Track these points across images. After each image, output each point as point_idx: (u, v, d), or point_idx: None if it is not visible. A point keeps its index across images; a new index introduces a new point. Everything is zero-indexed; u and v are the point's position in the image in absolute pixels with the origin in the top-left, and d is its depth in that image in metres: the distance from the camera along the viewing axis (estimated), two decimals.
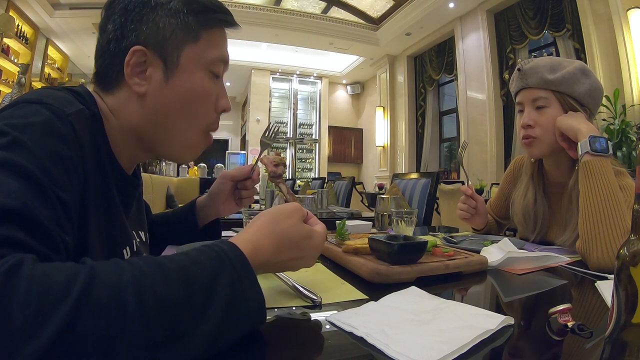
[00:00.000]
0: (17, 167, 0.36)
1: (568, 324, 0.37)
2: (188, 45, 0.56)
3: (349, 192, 2.91)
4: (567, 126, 0.89)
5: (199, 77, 0.57)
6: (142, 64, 0.54)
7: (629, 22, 3.36)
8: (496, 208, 1.23)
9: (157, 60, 0.54)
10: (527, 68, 0.96)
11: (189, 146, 0.60)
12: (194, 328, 0.31)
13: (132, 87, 0.54)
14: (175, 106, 0.56)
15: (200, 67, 0.57)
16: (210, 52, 0.58)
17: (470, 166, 5.25)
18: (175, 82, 0.55)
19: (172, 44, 0.55)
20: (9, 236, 0.31)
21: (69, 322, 0.26)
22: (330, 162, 8.74)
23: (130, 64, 0.53)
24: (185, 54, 0.56)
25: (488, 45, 5.21)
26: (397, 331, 0.39)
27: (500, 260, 0.73)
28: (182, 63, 0.55)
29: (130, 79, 0.54)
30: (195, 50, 0.56)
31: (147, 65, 0.54)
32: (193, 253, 0.36)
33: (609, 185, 0.78)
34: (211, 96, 0.59)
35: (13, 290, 0.26)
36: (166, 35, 0.54)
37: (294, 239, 0.46)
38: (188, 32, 0.56)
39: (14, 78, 5.15)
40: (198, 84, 0.57)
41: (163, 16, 0.54)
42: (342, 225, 0.85)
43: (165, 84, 0.55)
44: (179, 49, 0.55)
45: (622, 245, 0.32)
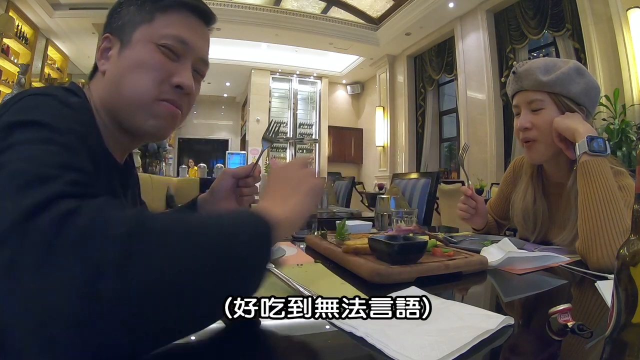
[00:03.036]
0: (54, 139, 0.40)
1: (568, 324, 0.37)
2: (142, 25, 0.61)
3: (349, 192, 2.91)
4: (564, 127, 0.89)
5: (147, 50, 0.61)
6: (108, 49, 0.62)
7: (629, 22, 3.35)
8: (496, 208, 1.23)
9: (117, 42, 0.62)
10: (522, 71, 0.96)
11: (145, 112, 0.62)
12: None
13: (99, 68, 0.63)
14: (124, 74, 0.61)
15: (150, 42, 0.61)
16: (163, 30, 0.62)
17: (470, 166, 5.25)
18: (125, 55, 0.61)
19: (129, 26, 0.61)
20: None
21: None
22: (330, 162, 8.74)
23: (100, 49, 0.63)
24: (138, 32, 0.61)
25: (488, 45, 5.21)
26: (397, 331, 0.39)
27: (500, 260, 0.73)
28: (133, 39, 0.61)
29: (99, 61, 0.63)
30: (147, 29, 0.61)
31: (111, 47, 0.62)
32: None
33: (607, 185, 0.78)
34: (158, 68, 0.61)
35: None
36: (125, 20, 0.62)
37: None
38: (143, 15, 0.61)
39: (14, 78, 5.16)
40: (144, 56, 0.61)
41: (127, 6, 0.63)
42: (342, 225, 0.85)
43: (118, 58, 0.61)
44: (133, 29, 0.61)
45: (622, 245, 0.32)
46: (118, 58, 0.61)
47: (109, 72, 0.62)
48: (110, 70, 0.62)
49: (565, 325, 0.37)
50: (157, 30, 0.61)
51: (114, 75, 0.62)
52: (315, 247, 0.89)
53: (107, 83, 0.62)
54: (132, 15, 0.62)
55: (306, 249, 0.92)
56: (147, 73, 0.61)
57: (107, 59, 0.63)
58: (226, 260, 0.35)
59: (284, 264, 0.71)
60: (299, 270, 0.69)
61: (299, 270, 0.68)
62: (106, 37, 0.63)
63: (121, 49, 0.61)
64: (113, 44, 0.62)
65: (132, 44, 0.61)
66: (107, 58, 0.63)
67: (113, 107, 0.63)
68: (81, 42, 6.66)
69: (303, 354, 0.41)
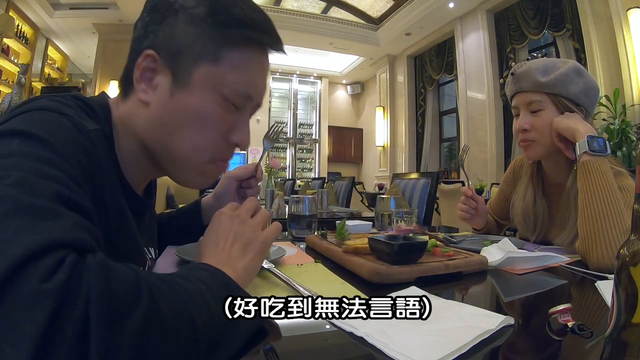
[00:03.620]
0: (54, 162, 0.35)
1: (568, 324, 0.37)
2: (205, 64, 0.49)
3: (349, 192, 2.91)
4: (564, 127, 0.88)
5: (209, 102, 0.50)
6: (153, 70, 0.50)
7: (629, 22, 3.35)
8: (496, 208, 1.23)
9: (166, 70, 0.50)
10: (520, 72, 0.95)
11: (195, 171, 0.55)
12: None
13: (137, 94, 0.51)
14: (177, 125, 0.51)
15: (214, 92, 0.50)
16: (230, 77, 0.50)
17: (470, 166, 5.25)
18: (180, 99, 0.49)
19: (187, 56, 0.49)
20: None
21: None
22: (330, 162, 8.74)
23: (140, 66, 0.50)
24: (199, 72, 0.49)
25: (488, 45, 5.21)
26: (397, 331, 0.39)
27: (500, 260, 0.73)
28: (192, 81, 0.49)
29: (138, 83, 0.50)
30: (211, 71, 0.49)
31: (157, 73, 0.50)
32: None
33: (607, 184, 0.78)
34: (220, 125, 0.52)
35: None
36: (181, 46, 0.49)
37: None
38: (207, 46, 0.49)
39: (14, 78, 5.16)
40: (205, 109, 0.50)
41: (182, 22, 0.48)
42: (342, 225, 0.85)
43: (170, 98, 0.50)
44: (193, 65, 0.49)
45: (622, 245, 0.32)
46: (171, 98, 0.50)
47: (155, 109, 0.51)
48: (157, 106, 0.51)
49: (565, 325, 0.37)
50: (223, 77, 0.50)
51: (162, 117, 0.51)
52: (315, 247, 0.89)
53: (151, 121, 0.51)
54: (191, 40, 0.49)
55: (306, 249, 0.92)
56: (207, 132, 0.51)
57: (152, 87, 0.50)
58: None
59: (284, 264, 0.71)
60: (299, 270, 0.69)
61: (299, 270, 0.68)
62: (149, 56, 0.49)
63: (175, 87, 0.49)
64: (160, 70, 0.50)
65: (191, 87, 0.49)
66: (151, 85, 0.50)
67: (154, 151, 0.54)
68: (81, 42, 6.67)
69: (303, 354, 0.41)
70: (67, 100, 0.47)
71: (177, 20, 0.49)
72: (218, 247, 0.46)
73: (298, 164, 8.84)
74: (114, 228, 0.48)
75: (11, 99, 4.72)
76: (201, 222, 0.87)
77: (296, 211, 1.04)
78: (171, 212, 0.92)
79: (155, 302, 0.29)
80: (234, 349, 0.36)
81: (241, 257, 0.46)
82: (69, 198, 0.32)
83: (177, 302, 0.31)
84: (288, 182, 4.40)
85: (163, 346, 0.28)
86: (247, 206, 0.53)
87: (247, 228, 0.49)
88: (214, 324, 0.33)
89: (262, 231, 0.51)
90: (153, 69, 0.50)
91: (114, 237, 0.47)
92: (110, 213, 0.47)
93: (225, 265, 0.42)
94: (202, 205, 0.88)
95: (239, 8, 0.50)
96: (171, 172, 0.56)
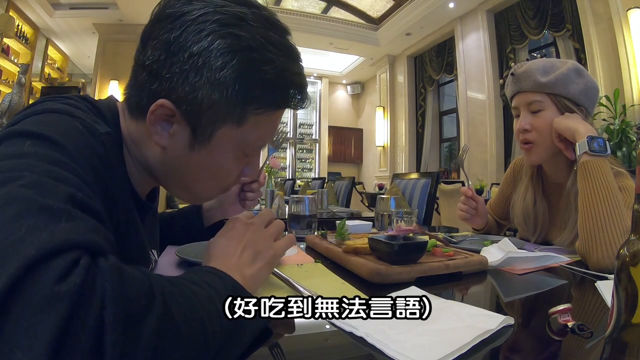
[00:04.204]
0: (67, 165, 0.34)
1: (568, 324, 0.37)
2: (228, 125, 0.46)
3: (349, 192, 2.91)
4: (564, 127, 0.88)
5: (229, 158, 0.50)
6: (169, 118, 0.46)
7: (629, 22, 3.35)
8: (496, 209, 1.23)
9: (184, 124, 0.46)
10: (520, 72, 0.96)
11: (198, 200, 0.60)
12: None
13: (151, 135, 0.47)
14: (194, 174, 0.51)
15: (234, 149, 0.49)
16: (252, 135, 0.48)
17: (470, 166, 5.25)
18: (200, 155, 0.48)
19: (209, 115, 0.45)
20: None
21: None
22: (330, 162, 8.74)
23: (155, 113, 0.46)
24: (222, 132, 0.47)
25: (488, 45, 5.21)
26: (397, 331, 0.39)
27: (500, 260, 0.73)
28: (214, 140, 0.47)
29: (152, 126, 0.47)
30: (234, 133, 0.47)
31: (174, 122, 0.46)
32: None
33: (607, 185, 0.78)
34: (235, 173, 0.53)
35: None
36: (202, 106, 0.44)
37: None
38: (232, 111, 0.45)
39: (14, 78, 5.15)
40: (225, 164, 0.50)
41: (205, 84, 0.43)
42: (342, 225, 0.85)
43: (189, 153, 0.48)
44: (215, 124, 0.46)
45: (622, 245, 0.32)
46: (189, 151, 0.47)
47: (172, 155, 0.49)
48: (174, 154, 0.49)
49: (565, 325, 0.37)
50: (246, 138, 0.48)
51: (180, 165, 0.50)
52: (315, 247, 0.89)
53: (168, 164, 0.50)
54: (208, 99, 0.44)
55: (306, 249, 0.92)
56: (223, 180, 0.53)
57: (170, 135, 0.47)
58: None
59: (284, 264, 0.71)
60: (299, 270, 0.69)
61: (299, 270, 0.68)
62: (165, 106, 0.45)
63: (195, 143, 0.47)
64: (178, 121, 0.46)
65: (212, 145, 0.47)
66: (167, 133, 0.47)
67: (161, 180, 0.54)
68: (81, 42, 6.67)
69: (303, 354, 0.41)
70: (77, 102, 0.46)
71: (199, 81, 0.43)
72: (228, 252, 0.46)
73: (298, 164, 8.83)
74: (123, 230, 0.48)
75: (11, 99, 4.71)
76: (202, 223, 0.87)
77: (296, 211, 1.04)
78: (172, 212, 0.93)
79: (169, 307, 0.29)
80: (238, 352, 0.36)
81: (251, 264, 0.45)
82: (82, 201, 0.32)
83: (189, 307, 0.31)
84: (288, 182, 4.40)
85: (176, 351, 0.28)
86: (263, 216, 0.53)
87: (260, 237, 0.49)
88: (222, 330, 0.34)
89: (275, 242, 0.51)
90: (170, 117, 0.46)
91: (123, 239, 0.47)
92: (120, 216, 0.47)
93: (234, 270, 0.41)
94: (203, 207, 0.88)
95: (272, 66, 0.45)
96: (175, 193, 0.58)
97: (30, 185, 0.29)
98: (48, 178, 0.31)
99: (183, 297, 0.31)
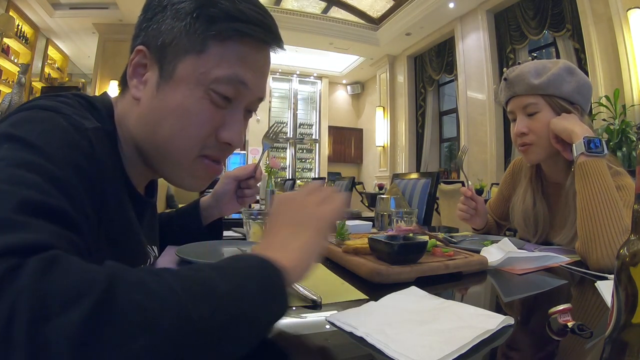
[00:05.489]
0: (38, 166, 0.34)
1: (568, 324, 0.37)
2: (189, 55, 0.48)
3: (349, 192, 2.90)
4: (561, 128, 0.89)
5: (193, 97, 0.49)
6: (144, 66, 0.51)
7: (629, 22, 3.35)
8: (496, 209, 1.24)
9: (154, 65, 0.50)
10: (513, 76, 0.96)
11: (185, 171, 0.54)
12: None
13: (130, 90, 0.52)
14: (161, 120, 0.50)
15: (199, 84, 0.49)
16: (218, 70, 0.48)
17: (470, 166, 5.25)
18: (165, 94, 0.49)
19: (172, 50, 0.49)
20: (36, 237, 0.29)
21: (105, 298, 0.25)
22: (330, 162, 8.74)
23: (132, 63, 0.51)
24: (184, 65, 0.48)
25: (488, 45, 5.21)
26: (397, 331, 0.39)
27: (500, 260, 0.73)
28: (177, 74, 0.49)
29: (130, 79, 0.52)
30: (197, 64, 0.48)
31: (147, 69, 0.51)
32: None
33: (605, 185, 0.78)
34: (206, 121, 0.50)
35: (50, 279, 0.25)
36: (166, 40, 0.49)
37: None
38: (192, 40, 0.48)
39: (14, 78, 5.15)
40: (189, 104, 0.49)
41: (169, 17, 0.49)
42: (342, 225, 0.85)
43: (156, 93, 0.49)
44: (178, 58, 0.48)
45: (622, 245, 0.32)
46: (156, 92, 0.49)
47: (144, 106, 0.51)
48: (145, 103, 0.50)
49: (565, 325, 0.37)
50: (209, 69, 0.48)
51: (149, 113, 0.50)
52: None
53: (141, 119, 0.51)
54: (176, 34, 0.48)
55: None
56: (192, 127, 0.50)
57: (143, 83, 0.51)
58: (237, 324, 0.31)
59: None
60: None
61: None
62: (140, 51, 0.50)
63: (160, 80, 0.49)
64: (150, 65, 0.50)
65: (175, 81, 0.49)
66: (142, 81, 0.51)
67: (145, 150, 0.53)
68: (81, 42, 6.67)
69: (303, 354, 0.41)
70: (69, 99, 0.46)
71: (164, 16, 0.49)
72: (270, 233, 0.44)
73: (298, 164, 8.83)
74: (116, 226, 0.48)
75: (11, 98, 4.72)
76: (200, 222, 0.87)
77: None
78: (170, 212, 0.93)
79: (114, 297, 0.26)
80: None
81: (294, 237, 0.42)
82: (37, 203, 0.31)
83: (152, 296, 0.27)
84: (288, 182, 4.40)
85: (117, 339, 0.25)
86: (306, 187, 0.50)
87: (300, 206, 0.46)
88: (216, 321, 0.29)
89: (319, 206, 0.46)
90: (144, 65, 0.51)
91: (116, 235, 0.47)
92: (112, 211, 0.46)
93: (277, 249, 0.39)
94: (200, 206, 0.88)
95: (229, 2, 0.49)
96: (163, 172, 0.56)
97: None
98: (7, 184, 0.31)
99: (152, 286, 0.28)
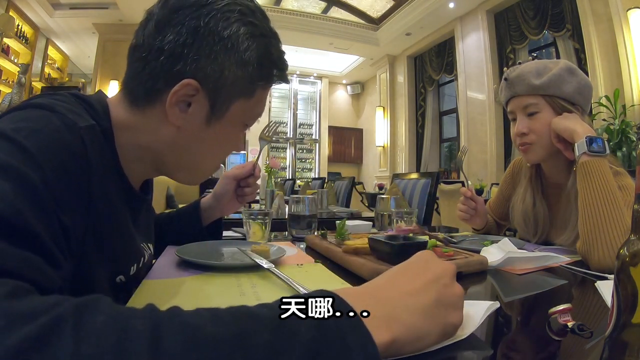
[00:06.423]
0: (15, 172, 0.33)
1: (568, 324, 0.37)
2: (242, 99, 0.54)
3: (349, 192, 2.91)
4: (562, 128, 0.89)
5: (237, 130, 0.58)
6: (190, 97, 0.51)
7: (629, 22, 3.35)
8: (496, 209, 1.24)
9: (204, 102, 0.52)
10: (514, 76, 0.96)
11: (201, 177, 0.63)
12: None
13: (168, 116, 0.51)
14: (206, 149, 0.57)
15: (242, 121, 0.57)
16: (256, 109, 0.57)
17: (470, 166, 5.25)
18: (215, 129, 0.54)
19: (227, 91, 0.52)
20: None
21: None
22: (330, 162, 8.74)
23: (178, 94, 0.50)
24: (236, 107, 0.54)
25: (488, 45, 5.21)
26: None
27: (500, 260, 0.73)
28: (229, 114, 0.54)
29: (170, 107, 0.50)
30: (245, 106, 0.55)
31: (193, 101, 0.51)
32: None
33: (607, 185, 0.78)
34: (238, 145, 0.61)
35: None
36: (226, 83, 0.51)
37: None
38: (247, 87, 0.54)
39: (14, 78, 5.16)
40: (234, 136, 0.58)
41: (233, 64, 0.51)
42: (342, 225, 0.85)
43: (205, 128, 0.53)
44: (232, 100, 0.53)
45: (622, 245, 0.32)
46: (206, 126, 0.53)
47: (186, 135, 0.53)
48: (189, 131, 0.53)
49: (565, 325, 0.37)
50: (251, 109, 0.56)
51: (193, 141, 0.54)
52: (315, 247, 0.89)
53: (178, 144, 0.54)
54: (236, 80, 0.52)
55: (306, 249, 0.92)
56: (226, 153, 0.60)
57: (187, 115, 0.51)
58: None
59: (284, 264, 0.71)
60: (299, 270, 0.69)
61: (299, 270, 0.68)
62: (191, 86, 0.49)
63: (212, 117, 0.53)
64: (198, 100, 0.51)
65: (227, 119, 0.54)
66: (185, 112, 0.51)
67: (166, 161, 0.57)
68: (81, 42, 6.67)
69: None
70: (64, 97, 0.47)
71: (228, 61, 0.51)
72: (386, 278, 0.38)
73: (298, 164, 8.83)
74: (106, 222, 0.47)
75: (11, 98, 4.72)
76: (200, 222, 0.87)
77: (296, 211, 1.04)
78: (171, 212, 0.93)
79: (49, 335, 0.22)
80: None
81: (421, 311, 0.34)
82: (7, 222, 0.29)
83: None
84: (288, 182, 4.40)
85: None
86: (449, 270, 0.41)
87: (450, 290, 0.38)
88: None
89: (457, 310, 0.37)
90: (191, 96, 0.51)
91: (105, 231, 0.47)
92: (101, 207, 0.45)
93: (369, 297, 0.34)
94: (201, 206, 0.88)
95: (275, 49, 0.56)
96: (175, 175, 0.60)
97: None
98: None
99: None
